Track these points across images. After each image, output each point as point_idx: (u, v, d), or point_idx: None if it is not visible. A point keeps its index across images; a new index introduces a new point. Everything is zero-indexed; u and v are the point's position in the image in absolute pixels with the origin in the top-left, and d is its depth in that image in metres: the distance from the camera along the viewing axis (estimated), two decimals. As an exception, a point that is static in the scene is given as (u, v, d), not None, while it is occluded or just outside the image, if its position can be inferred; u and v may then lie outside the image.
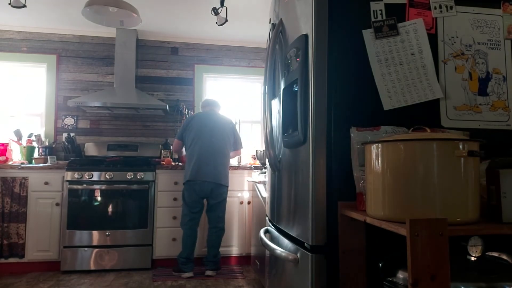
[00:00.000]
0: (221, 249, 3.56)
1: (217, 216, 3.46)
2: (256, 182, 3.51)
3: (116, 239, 3.59)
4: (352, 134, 1.30)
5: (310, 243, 1.35)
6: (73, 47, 4.40)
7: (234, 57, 4.72)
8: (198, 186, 3.38)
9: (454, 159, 1.00)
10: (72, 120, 4.32)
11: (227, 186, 3.52)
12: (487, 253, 1.23)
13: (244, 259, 3.91)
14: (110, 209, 3.61)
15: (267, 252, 2.11)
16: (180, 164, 3.91)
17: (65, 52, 4.38)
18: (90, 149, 4.21)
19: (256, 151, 3.96)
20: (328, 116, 1.36)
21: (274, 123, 1.90)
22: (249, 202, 3.88)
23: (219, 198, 3.45)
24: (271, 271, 2.02)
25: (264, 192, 3.14)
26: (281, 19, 1.87)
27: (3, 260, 3.46)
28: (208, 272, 3.44)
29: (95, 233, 3.56)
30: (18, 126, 4.08)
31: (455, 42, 1.45)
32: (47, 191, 3.58)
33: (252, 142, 4.67)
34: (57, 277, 3.38)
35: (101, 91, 4.20)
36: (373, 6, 1.41)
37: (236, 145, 3.68)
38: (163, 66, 4.56)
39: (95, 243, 3.55)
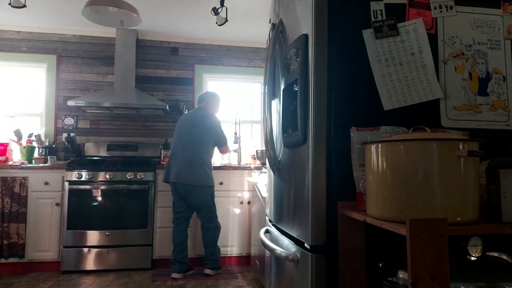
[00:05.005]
0: (221, 249, 3.56)
1: (204, 217, 3.42)
2: (256, 182, 3.51)
3: (116, 239, 3.59)
4: (352, 134, 1.30)
5: (310, 243, 1.35)
6: (73, 47, 4.40)
7: (234, 57, 4.72)
8: (173, 187, 3.41)
9: (454, 159, 1.00)
10: (72, 120, 4.32)
11: (208, 186, 3.38)
12: (487, 253, 1.23)
13: (244, 259, 3.91)
14: (110, 209, 3.61)
15: (267, 252, 2.11)
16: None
17: (65, 52, 4.37)
18: (90, 149, 4.21)
19: (256, 151, 3.95)
20: (328, 116, 1.36)
21: (274, 123, 1.90)
22: (249, 202, 3.88)
23: (199, 199, 3.35)
24: (271, 271, 2.02)
25: (264, 192, 3.14)
26: (281, 19, 1.87)
27: (3, 260, 3.46)
28: (206, 271, 3.43)
29: (95, 233, 3.56)
30: (18, 126, 4.08)
31: (455, 42, 1.45)
32: (47, 191, 3.59)
33: (252, 142, 4.66)
34: (57, 277, 3.38)
35: (101, 91, 4.20)
36: (373, 6, 1.41)
37: (219, 142, 3.51)
38: (163, 66, 4.56)
39: (95, 243, 3.55)
